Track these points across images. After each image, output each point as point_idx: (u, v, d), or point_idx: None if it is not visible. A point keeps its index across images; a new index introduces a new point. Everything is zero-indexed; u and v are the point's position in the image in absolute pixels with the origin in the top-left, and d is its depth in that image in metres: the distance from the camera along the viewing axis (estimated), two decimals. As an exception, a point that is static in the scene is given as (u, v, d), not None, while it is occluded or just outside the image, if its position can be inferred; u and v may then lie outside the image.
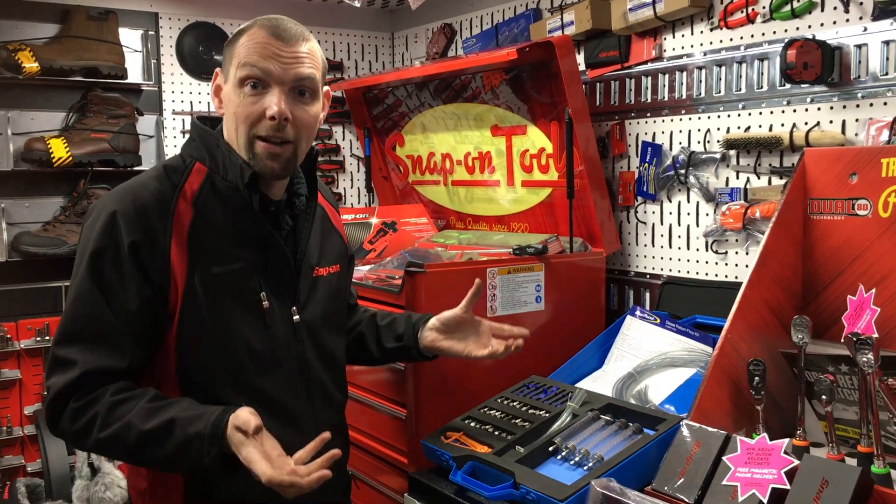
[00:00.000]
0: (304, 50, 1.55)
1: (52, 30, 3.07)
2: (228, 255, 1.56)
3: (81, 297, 1.48)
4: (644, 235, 2.62)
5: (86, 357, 1.45)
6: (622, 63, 2.62)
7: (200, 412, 1.44)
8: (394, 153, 3.43)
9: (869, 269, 1.77)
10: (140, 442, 1.43)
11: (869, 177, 1.77)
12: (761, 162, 2.24)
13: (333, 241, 1.80)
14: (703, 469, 1.50)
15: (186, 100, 3.40)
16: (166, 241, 1.50)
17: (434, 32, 3.50)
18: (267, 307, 1.59)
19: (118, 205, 1.50)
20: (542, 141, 2.70)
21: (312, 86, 1.57)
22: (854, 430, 1.62)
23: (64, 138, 3.01)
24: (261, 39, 1.52)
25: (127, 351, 1.48)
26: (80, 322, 1.48)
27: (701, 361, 2.08)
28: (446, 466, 1.79)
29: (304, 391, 1.67)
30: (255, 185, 1.58)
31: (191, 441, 1.42)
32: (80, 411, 1.45)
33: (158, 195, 1.52)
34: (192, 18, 3.37)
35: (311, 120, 1.59)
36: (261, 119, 1.52)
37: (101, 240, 1.48)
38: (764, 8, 2.21)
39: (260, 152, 1.54)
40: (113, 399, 1.45)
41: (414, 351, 1.88)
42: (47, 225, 3.03)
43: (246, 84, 1.52)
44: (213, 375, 1.56)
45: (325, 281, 1.74)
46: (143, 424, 1.42)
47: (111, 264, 1.48)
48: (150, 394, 1.48)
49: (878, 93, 1.98)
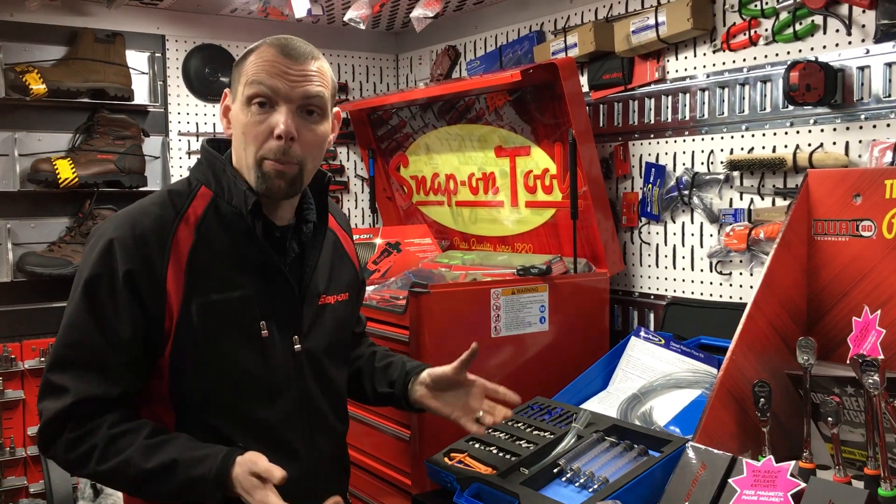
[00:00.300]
0: (313, 68, 1.53)
1: (60, 52, 3.11)
2: (229, 281, 1.53)
3: (75, 323, 1.47)
4: (648, 256, 2.63)
5: (77, 385, 1.45)
6: (625, 85, 2.63)
7: (204, 454, 1.43)
8: (398, 174, 3.44)
9: (874, 290, 1.77)
10: (140, 479, 1.43)
11: (873, 198, 1.77)
12: (765, 183, 2.25)
13: (345, 268, 1.76)
14: (709, 491, 1.50)
15: (192, 121, 3.42)
16: (163, 269, 1.48)
17: (438, 54, 3.53)
18: (266, 336, 1.55)
19: (117, 231, 1.49)
20: (545, 162, 2.71)
21: (321, 104, 1.54)
22: (860, 453, 1.61)
23: (70, 159, 3.02)
24: (269, 58, 1.50)
25: (119, 379, 1.47)
26: (73, 349, 1.47)
27: (706, 383, 2.07)
28: (450, 488, 1.79)
29: (304, 423, 1.62)
30: (259, 211, 1.55)
31: (194, 484, 1.41)
32: (77, 442, 1.45)
33: (159, 221, 1.51)
34: (198, 41, 3.40)
35: (318, 140, 1.56)
36: (268, 138, 1.50)
37: (97, 267, 1.47)
38: (766, 30, 2.22)
39: (268, 171, 1.51)
40: (111, 432, 1.44)
41: (402, 401, 1.81)
42: (52, 245, 3.04)
43: (253, 102, 1.49)
44: (208, 403, 1.53)
45: (333, 309, 1.70)
46: (143, 463, 1.42)
47: (106, 292, 1.46)
48: (148, 428, 1.47)
49: (881, 114, 1.98)
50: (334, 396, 1.72)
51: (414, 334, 2.15)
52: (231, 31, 3.47)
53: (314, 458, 1.62)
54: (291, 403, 1.60)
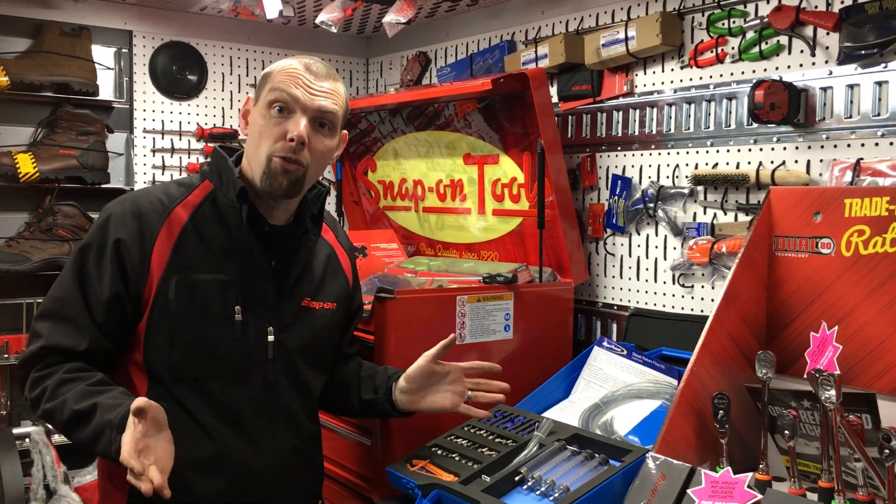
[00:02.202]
0: (330, 87, 1.70)
1: (24, 44, 3.06)
2: (213, 265, 1.66)
3: (62, 281, 1.64)
4: (612, 267, 2.65)
5: (50, 333, 1.60)
6: (594, 97, 2.66)
7: (120, 402, 1.51)
8: (365, 178, 3.43)
9: (831, 306, 1.80)
10: (68, 420, 1.53)
11: (832, 216, 1.81)
12: (728, 198, 2.29)
13: (337, 281, 1.88)
14: (667, 501, 1.51)
15: (158, 118, 3.38)
16: (151, 243, 1.62)
17: (409, 60, 3.53)
18: (240, 320, 1.66)
19: (117, 207, 1.66)
20: (513, 171, 2.72)
21: (332, 120, 1.70)
22: (815, 465, 1.64)
23: (31, 153, 2.97)
24: (294, 71, 1.67)
25: (88, 335, 1.60)
26: (55, 303, 1.63)
27: (666, 394, 2.10)
28: (412, 495, 1.78)
29: (269, 412, 1.69)
30: (246, 197, 1.66)
31: (103, 428, 1.48)
32: (37, 382, 1.59)
33: (158, 202, 1.67)
34: (166, 38, 3.37)
35: (325, 151, 1.71)
36: (281, 139, 1.64)
37: (93, 236, 1.65)
38: (733, 49, 2.26)
39: (275, 167, 1.64)
40: (63, 376, 1.57)
41: (387, 405, 1.88)
42: (11, 241, 2.99)
43: (273, 107, 1.65)
44: (175, 375, 1.64)
45: (317, 314, 1.80)
46: (74, 404, 1.52)
47: (94, 258, 1.62)
48: (96, 377, 1.58)
49: (842, 135, 2.03)
50: (305, 396, 1.80)
51: (379, 339, 2.14)
52: (200, 29, 3.44)
53: (277, 448, 1.70)
54: (259, 390, 1.69)
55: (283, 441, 1.71)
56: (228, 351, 1.66)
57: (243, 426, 1.67)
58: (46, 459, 2.68)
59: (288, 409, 1.74)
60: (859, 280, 1.76)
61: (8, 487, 2.63)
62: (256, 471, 1.64)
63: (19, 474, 2.66)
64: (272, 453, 1.69)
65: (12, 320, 3.02)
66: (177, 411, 1.60)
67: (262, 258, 1.70)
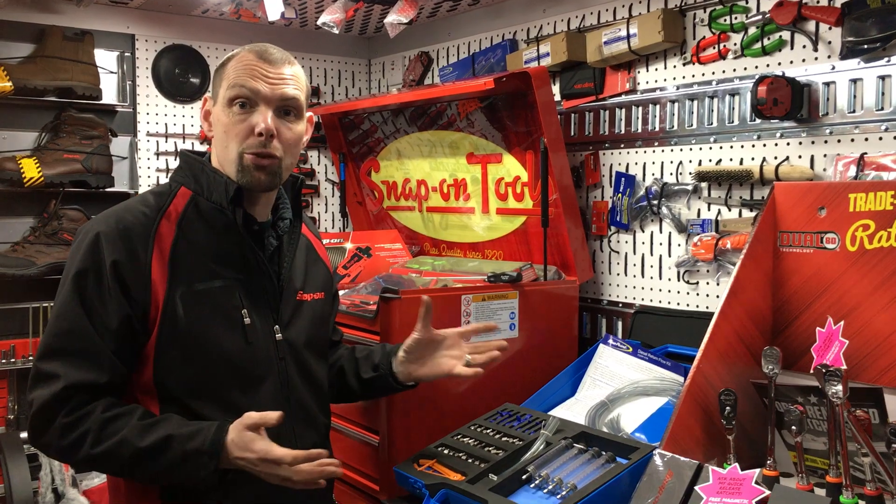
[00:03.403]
0: (290, 73, 1.65)
1: (27, 49, 3.06)
2: (211, 272, 1.61)
3: (64, 314, 1.53)
4: (617, 265, 2.65)
5: (68, 371, 1.50)
6: (597, 95, 2.66)
7: (197, 428, 1.50)
8: (369, 178, 3.44)
9: (836, 301, 1.80)
10: (135, 458, 1.48)
11: (837, 211, 1.81)
12: (732, 194, 2.29)
13: (319, 269, 1.86)
14: (675, 498, 1.51)
15: (161, 122, 3.39)
16: (147, 259, 1.55)
17: (411, 60, 3.53)
18: (248, 323, 1.64)
19: (102, 226, 1.57)
20: (517, 169, 2.72)
21: (297, 105, 1.65)
22: (822, 461, 1.64)
23: (36, 158, 2.98)
24: (248, 62, 1.62)
25: (108, 366, 1.53)
26: (62, 338, 1.53)
27: (672, 390, 2.10)
28: (419, 494, 1.79)
29: (287, 412, 1.64)
30: (240, 201, 1.63)
31: (189, 457, 1.48)
32: (71, 427, 1.49)
33: (142, 217, 1.59)
34: (168, 41, 3.37)
35: (296, 138, 1.67)
36: (249, 135, 1.60)
37: (85, 260, 1.54)
38: (735, 45, 2.26)
39: (248, 164, 1.61)
40: (104, 416, 1.49)
41: (390, 379, 1.87)
42: (16, 245, 2.99)
43: (235, 103, 1.60)
44: (193, 390, 1.59)
45: (310, 306, 1.79)
46: (139, 441, 1.48)
47: (94, 283, 1.53)
48: (140, 411, 1.53)
49: (845, 129, 2.03)
50: (316, 389, 1.79)
51: (384, 339, 2.15)
52: (202, 32, 3.44)
53: (300, 447, 1.65)
54: (274, 391, 1.67)
55: (304, 438, 1.71)
56: (243, 357, 1.63)
57: (267, 430, 1.60)
58: (54, 463, 2.69)
59: (304, 405, 1.73)
60: (865, 275, 1.76)
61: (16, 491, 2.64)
62: None
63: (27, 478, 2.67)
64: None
65: (19, 325, 3.02)
66: None
67: (256, 257, 1.67)
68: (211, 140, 1.68)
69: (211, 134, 1.68)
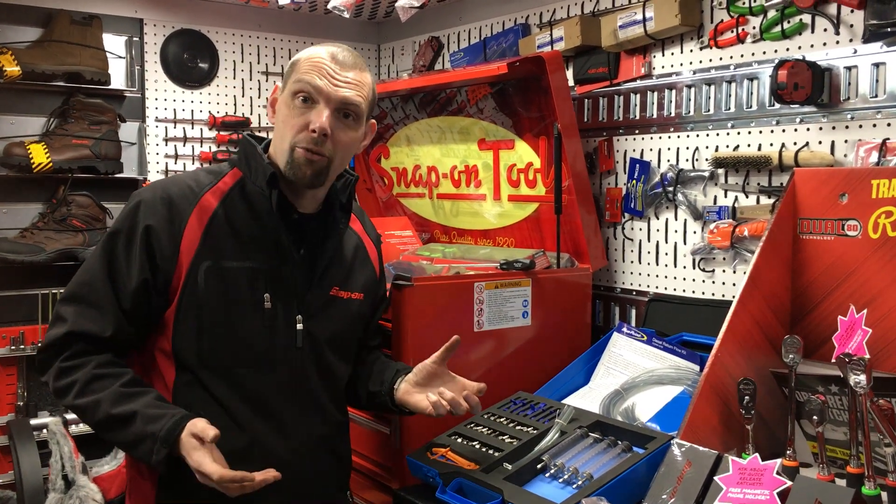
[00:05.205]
0: (356, 78, 1.67)
1: (35, 34, 3.04)
2: (242, 253, 1.66)
3: (90, 266, 1.64)
4: (631, 252, 2.62)
5: (76, 318, 1.60)
6: (611, 80, 2.62)
7: (162, 412, 1.54)
8: (378, 165, 3.41)
9: (858, 289, 1.77)
10: (103, 422, 1.56)
11: (859, 198, 1.77)
12: (750, 181, 2.25)
13: (365, 272, 1.87)
14: (694, 489, 1.49)
15: (170, 107, 3.36)
16: (181, 229, 1.62)
17: (421, 45, 3.50)
18: (269, 308, 1.66)
19: (147, 193, 1.66)
20: (529, 155, 2.69)
21: (356, 111, 1.68)
22: (842, 451, 1.62)
23: (44, 144, 2.96)
24: (319, 60, 1.66)
25: (113, 322, 1.60)
26: (81, 287, 1.63)
27: (688, 379, 2.07)
28: (433, 483, 1.77)
29: (298, 400, 1.68)
30: (276, 184, 1.66)
31: (145, 438, 1.52)
32: (65, 373, 1.59)
33: (187, 190, 1.66)
34: (177, 25, 3.35)
35: (349, 142, 1.69)
36: (303, 130, 1.63)
37: (122, 222, 1.64)
38: (754, 28, 2.22)
39: (298, 157, 1.64)
40: (94, 372, 1.57)
41: (387, 398, 1.81)
42: (25, 231, 2.98)
43: (297, 97, 1.64)
44: (206, 363, 1.63)
45: (344, 304, 1.80)
46: (110, 408, 1.54)
47: (123, 244, 1.62)
48: (127, 376, 1.59)
49: (867, 115, 1.99)
50: (332, 385, 1.79)
51: (396, 327, 2.12)
52: (211, 17, 3.41)
53: (305, 436, 1.70)
54: (287, 378, 1.69)
55: (312, 430, 1.71)
56: (257, 339, 1.65)
57: (272, 415, 1.66)
58: (64, 450, 2.68)
59: (316, 397, 1.73)
60: (887, 262, 1.72)
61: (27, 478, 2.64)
62: (286, 460, 1.63)
63: (37, 465, 2.67)
64: (301, 442, 1.69)
65: (28, 311, 3.01)
66: (207, 401, 1.62)
67: (290, 246, 1.69)
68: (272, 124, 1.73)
69: (273, 121, 1.72)
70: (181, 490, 1.60)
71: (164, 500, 1.65)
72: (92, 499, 2.64)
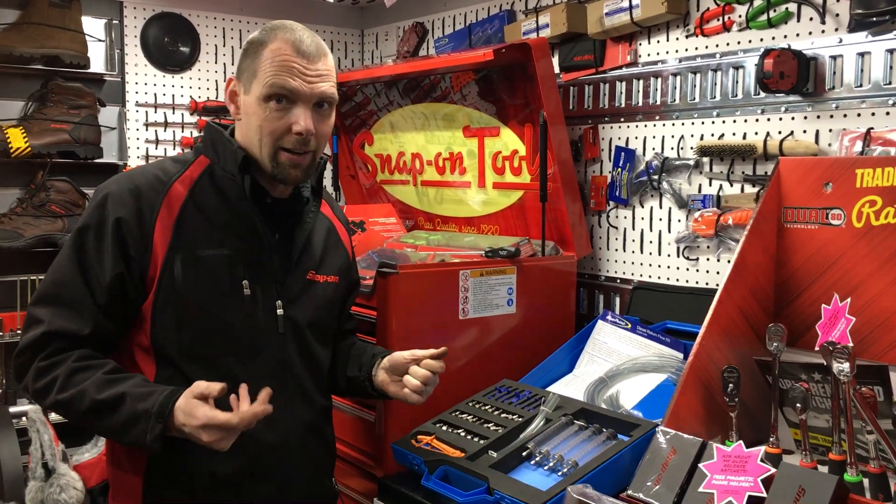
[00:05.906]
0: (326, 67, 1.64)
1: (13, 15, 2.98)
2: (216, 240, 1.62)
3: (61, 265, 1.59)
4: (615, 240, 2.63)
5: (52, 318, 1.55)
6: (597, 67, 2.62)
7: (151, 390, 1.50)
8: (362, 151, 3.39)
9: (841, 278, 1.78)
10: (90, 409, 1.50)
11: (843, 187, 1.78)
12: (734, 170, 2.26)
13: (338, 254, 1.85)
14: (679, 476, 1.50)
15: (150, 91, 3.32)
16: (152, 221, 1.57)
17: (405, 31, 3.47)
18: (248, 294, 1.63)
19: (114, 186, 1.61)
20: (514, 143, 2.68)
21: (331, 100, 1.65)
22: (824, 438, 1.63)
23: (22, 128, 2.91)
24: (285, 58, 1.59)
25: (91, 319, 1.56)
26: (54, 287, 1.58)
27: (672, 367, 2.08)
28: (418, 471, 1.77)
29: (283, 387, 1.64)
30: (247, 168, 1.63)
31: (137, 417, 1.47)
32: (44, 371, 1.53)
33: (154, 180, 1.62)
34: (157, 8, 3.30)
35: (329, 130, 1.69)
36: (286, 133, 1.60)
37: (90, 217, 1.59)
38: (740, 17, 2.22)
39: (284, 161, 1.62)
40: (74, 365, 1.53)
41: (367, 383, 1.80)
42: (3, 217, 2.93)
43: (271, 100, 1.59)
44: (187, 354, 1.60)
45: (321, 287, 1.77)
46: (96, 394, 1.50)
47: (94, 239, 1.57)
48: (109, 366, 1.55)
49: (851, 104, 2.00)
50: (315, 370, 1.77)
51: (381, 315, 2.12)
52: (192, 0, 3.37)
53: (292, 424, 1.68)
54: (271, 365, 1.67)
55: (298, 416, 1.70)
56: (239, 326, 1.63)
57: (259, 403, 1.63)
58: (44, 438, 2.65)
59: (300, 384, 1.71)
60: (870, 251, 1.74)
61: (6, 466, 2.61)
62: (273, 447, 1.62)
63: (17, 453, 2.64)
64: (288, 429, 1.67)
65: (7, 298, 2.97)
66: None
67: (265, 231, 1.66)
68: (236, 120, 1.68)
69: (238, 118, 1.67)
70: (170, 481, 1.58)
71: (153, 496, 1.61)
72: (73, 486, 2.61)
